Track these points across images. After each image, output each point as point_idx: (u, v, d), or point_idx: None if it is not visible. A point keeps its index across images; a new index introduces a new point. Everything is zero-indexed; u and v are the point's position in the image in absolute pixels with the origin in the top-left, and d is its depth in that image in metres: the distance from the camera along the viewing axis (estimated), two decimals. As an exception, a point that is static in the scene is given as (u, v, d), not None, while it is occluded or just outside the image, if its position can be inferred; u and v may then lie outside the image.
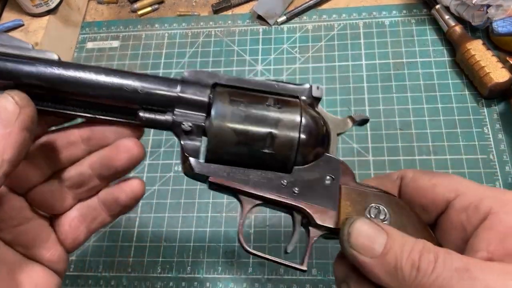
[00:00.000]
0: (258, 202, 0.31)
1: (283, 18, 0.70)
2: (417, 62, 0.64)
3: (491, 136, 0.57)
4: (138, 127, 0.32)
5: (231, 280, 0.54)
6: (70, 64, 0.30)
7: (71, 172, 0.33)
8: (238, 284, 0.54)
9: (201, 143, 0.31)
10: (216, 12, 0.73)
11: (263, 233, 0.56)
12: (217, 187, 0.31)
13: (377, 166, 0.57)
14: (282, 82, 0.33)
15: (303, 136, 0.30)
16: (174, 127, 0.31)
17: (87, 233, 0.34)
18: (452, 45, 0.63)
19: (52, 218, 0.34)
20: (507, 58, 0.58)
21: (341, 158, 0.32)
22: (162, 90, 0.31)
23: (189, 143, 0.31)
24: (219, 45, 0.70)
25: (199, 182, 0.31)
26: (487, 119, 0.58)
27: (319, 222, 0.30)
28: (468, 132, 0.58)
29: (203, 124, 0.31)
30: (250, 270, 0.54)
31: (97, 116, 0.31)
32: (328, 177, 0.31)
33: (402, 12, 0.68)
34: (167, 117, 0.31)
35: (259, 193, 0.30)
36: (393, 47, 0.65)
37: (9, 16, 0.68)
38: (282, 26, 0.70)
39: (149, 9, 0.76)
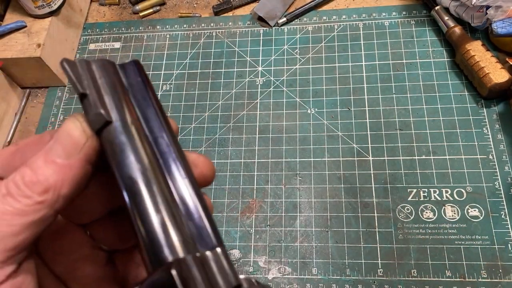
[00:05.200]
0: None
1: (284, 19, 0.71)
2: (417, 63, 0.64)
3: (490, 136, 0.57)
4: None
5: (232, 279, 0.54)
6: None
7: None
8: (239, 283, 0.54)
9: None
10: (217, 13, 0.74)
11: (263, 233, 0.56)
12: None
13: (377, 166, 0.58)
14: None
15: None
16: None
17: None
18: (451, 46, 0.63)
19: (112, 254, 0.29)
20: (507, 59, 0.59)
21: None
22: None
23: None
24: (220, 46, 0.71)
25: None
26: (487, 120, 0.58)
27: None
28: (468, 133, 0.58)
29: None
30: (251, 269, 0.54)
31: None
32: None
33: (401, 13, 0.68)
34: None
35: None
36: (393, 48, 0.66)
37: (12, 18, 0.69)
38: (282, 27, 0.71)
39: (150, 10, 0.76)
